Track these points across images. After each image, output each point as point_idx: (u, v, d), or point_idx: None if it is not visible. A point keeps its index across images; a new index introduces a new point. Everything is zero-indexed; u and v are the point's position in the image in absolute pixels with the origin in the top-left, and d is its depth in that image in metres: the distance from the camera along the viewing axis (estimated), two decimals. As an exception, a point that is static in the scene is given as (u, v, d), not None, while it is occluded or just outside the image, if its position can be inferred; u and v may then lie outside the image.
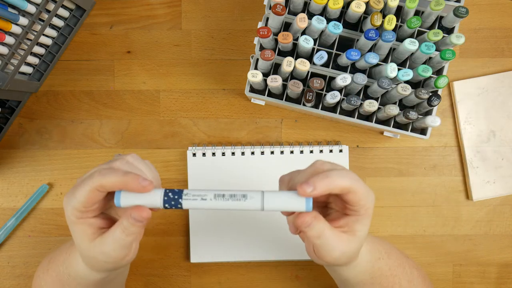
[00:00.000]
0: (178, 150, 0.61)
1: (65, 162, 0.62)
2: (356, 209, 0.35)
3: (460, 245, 0.61)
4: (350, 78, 0.50)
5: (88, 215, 0.35)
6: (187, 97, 0.62)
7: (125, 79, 0.62)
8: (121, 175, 0.33)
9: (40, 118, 0.62)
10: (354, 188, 0.34)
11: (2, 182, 0.62)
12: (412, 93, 0.50)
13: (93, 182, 0.33)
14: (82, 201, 0.33)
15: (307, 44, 0.49)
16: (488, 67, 0.62)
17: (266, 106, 0.62)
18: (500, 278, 0.61)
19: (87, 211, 0.34)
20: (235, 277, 0.61)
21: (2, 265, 0.61)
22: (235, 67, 0.62)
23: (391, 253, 0.44)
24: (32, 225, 0.61)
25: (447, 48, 0.50)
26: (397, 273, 0.43)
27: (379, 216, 0.61)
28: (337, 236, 0.35)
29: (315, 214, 0.34)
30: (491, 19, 0.62)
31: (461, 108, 0.61)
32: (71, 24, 0.60)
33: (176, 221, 0.61)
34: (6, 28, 0.50)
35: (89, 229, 0.35)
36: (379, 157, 0.62)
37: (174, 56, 0.62)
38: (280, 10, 0.48)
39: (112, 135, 0.62)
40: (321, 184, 0.33)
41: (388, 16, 0.49)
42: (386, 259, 0.43)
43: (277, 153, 0.60)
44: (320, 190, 0.33)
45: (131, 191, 0.33)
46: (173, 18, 0.62)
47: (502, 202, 0.61)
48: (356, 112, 0.54)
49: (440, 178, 0.61)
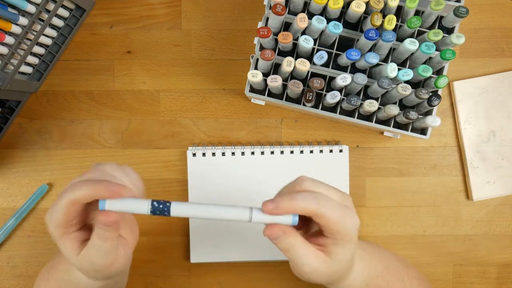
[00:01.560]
0: (178, 150, 0.61)
1: (65, 162, 0.62)
2: (330, 233, 0.34)
3: (460, 245, 0.61)
4: (350, 78, 0.50)
5: (70, 230, 0.35)
6: (187, 97, 0.62)
7: (125, 79, 0.62)
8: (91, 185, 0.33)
9: (40, 118, 0.62)
10: (321, 214, 0.33)
11: (2, 182, 0.62)
12: (412, 93, 0.50)
13: (66, 197, 0.33)
14: (60, 218, 0.33)
15: (307, 44, 0.49)
16: (488, 67, 0.62)
17: (266, 106, 0.62)
18: (500, 278, 0.61)
19: (68, 226, 0.34)
20: (235, 277, 0.61)
21: (2, 265, 0.61)
22: (235, 67, 0.62)
23: (390, 267, 0.44)
24: (32, 225, 0.61)
25: (447, 48, 0.50)
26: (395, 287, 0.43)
27: (379, 216, 0.61)
28: (309, 252, 0.34)
29: (285, 228, 0.34)
30: (491, 19, 0.62)
31: (461, 108, 0.61)
32: (71, 24, 0.60)
33: (176, 221, 0.61)
34: (6, 28, 0.50)
35: (73, 243, 0.35)
36: (379, 157, 0.62)
37: (174, 56, 0.62)
38: (280, 10, 0.48)
39: (112, 135, 0.62)
40: (284, 205, 0.33)
41: (388, 16, 0.49)
42: (385, 275, 0.43)
43: (277, 153, 0.60)
44: (283, 210, 0.33)
45: (103, 198, 0.33)
46: (173, 18, 0.62)
47: (502, 202, 0.61)
48: (356, 112, 0.54)
49: (440, 178, 0.61)
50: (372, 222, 0.61)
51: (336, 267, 0.36)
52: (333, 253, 0.35)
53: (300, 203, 0.33)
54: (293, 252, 0.34)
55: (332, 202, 0.34)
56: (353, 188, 0.61)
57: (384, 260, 0.44)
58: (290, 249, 0.34)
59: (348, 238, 0.34)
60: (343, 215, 0.34)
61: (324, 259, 0.35)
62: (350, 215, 0.35)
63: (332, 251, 0.35)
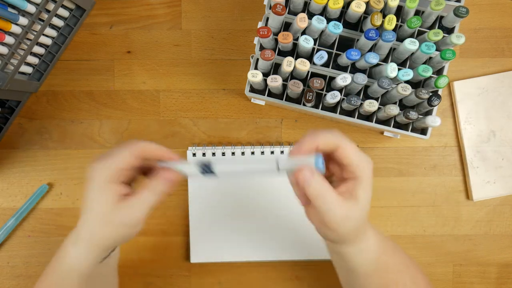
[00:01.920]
0: (178, 150, 0.61)
1: (65, 162, 0.62)
2: (351, 169, 0.36)
3: (460, 245, 0.61)
4: (350, 78, 0.50)
5: (119, 179, 0.37)
6: (187, 97, 0.62)
7: (125, 79, 0.62)
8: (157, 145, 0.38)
9: (40, 118, 0.62)
10: (340, 144, 0.36)
11: (2, 182, 0.61)
12: (412, 93, 0.50)
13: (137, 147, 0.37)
14: (120, 164, 0.36)
15: (307, 44, 0.49)
16: (488, 67, 0.62)
17: (266, 106, 0.62)
18: (500, 278, 0.61)
19: (120, 175, 0.36)
20: (235, 277, 0.61)
21: (2, 265, 0.61)
22: (235, 67, 0.62)
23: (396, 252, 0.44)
24: (32, 225, 0.61)
25: (447, 48, 0.50)
26: (402, 270, 0.43)
27: (379, 216, 0.61)
28: (338, 198, 0.36)
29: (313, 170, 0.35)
30: (491, 19, 0.62)
31: (461, 108, 0.61)
32: (71, 24, 0.60)
33: (176, 221, 0.61)
34: (6, 28, 0.50)
35: (116, 192, 0.36)
36: (379, 157, 0.62)
37: (174, 56, 0.62)
38: (280, 10, 0.48)
39: (112, 135, 0.62)
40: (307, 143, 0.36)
41: (388, 16, 0.49)
42: (391, 256, 0.43)
43: (277, 153, 0.60)
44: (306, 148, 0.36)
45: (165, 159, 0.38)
46: (173, 18, 0.62)
47: (502, 202, 0.61)
48: (356, 112, 0.54)
49: (440, 178, 0.61)
50: (372, 222, 0.61)
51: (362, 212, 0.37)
52: (357, 195, 0.36)
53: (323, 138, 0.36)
54: (323, 198, 0.35)
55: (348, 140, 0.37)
56: (353, 188, 0.61)
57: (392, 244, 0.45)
58: (320, 195, 0.35)
59: (367, 174, 0.37)
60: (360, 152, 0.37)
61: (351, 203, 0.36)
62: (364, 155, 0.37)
63: (356, 194, 0.36)
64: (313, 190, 0.35)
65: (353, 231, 0.38)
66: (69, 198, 0.61)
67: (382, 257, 0.42)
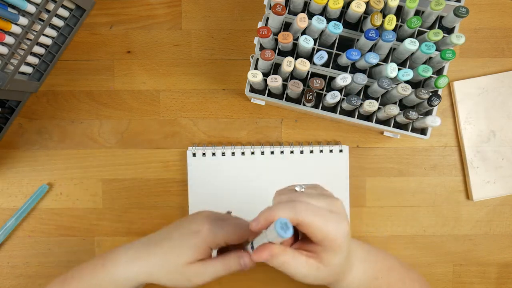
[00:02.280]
0: (178, 150, 0.61)
1: (65, 162, 0.62)
2: (316, 241, 0.34)
3: (460, 245, 0.61)
4: (350, 78, 0.50)
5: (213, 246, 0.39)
6: (187, 97, 0.62)
7: (125, 79, 0.62)
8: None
9: (40, 118, 0.62)
10: (300, 221, 0.33)
11: (2, 182, 0.61)
12: (412, 93, 0.50)
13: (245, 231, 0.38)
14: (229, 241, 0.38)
15: (307, 44, 0.49)
16: (488, 67, 0.62)
17: (266, 106, 0.62)
18: (500, 278, 0.61)
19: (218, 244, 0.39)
20: (235, 277, 0.61)
21: (2, 265, 0.61)
22: (235, 67, 0.62)
23: (392, 269, 0.44)
24: (32, 225, 0.61)
25: (447, 48, 0.50)
26: None
27: (379, 216, 0.61)
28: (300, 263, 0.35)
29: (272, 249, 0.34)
30: (491, 19, 0.62)
31: (461, 108, 0.61)
32: (71, 24, 0.60)
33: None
34: (6, 28, 0.50)
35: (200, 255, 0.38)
36: (379, 157, 0.62)
37: (174, 56, 0.62)
38: (280, 10, 0.48)
39: (112, 135, 0.62)
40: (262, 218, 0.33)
41: (388, 16, 0.49)
42: (386, 277, 0.43)
43: (277, 153, 0.60)
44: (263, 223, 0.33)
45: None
46: (173, 18, 0.62)
47: (502, 202, 0.61)
48: (356, 112, 0.54)
49: (440, 178, 0.61)
50: (372, 222, 0.61)
51: (329, 272, 0.36)
52: (324, 259, 0.35)
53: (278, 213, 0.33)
54: (285, 268, 0.35)
55: (311, 208, 0.33)
56: (353, 188, 0.61)
57: (386, 262, 0.44)
58: (281, 266, 0.35)
59: (337, 244, 0.34)
60: (325, 221, 0.33)
61: (316, 265, 0.35)
62: (335, 220, 0.34)
63: (323, 257, 0.35)
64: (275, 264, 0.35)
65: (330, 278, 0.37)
66: (69, 198, 0.61)
67: (373, 284, 0.42)
